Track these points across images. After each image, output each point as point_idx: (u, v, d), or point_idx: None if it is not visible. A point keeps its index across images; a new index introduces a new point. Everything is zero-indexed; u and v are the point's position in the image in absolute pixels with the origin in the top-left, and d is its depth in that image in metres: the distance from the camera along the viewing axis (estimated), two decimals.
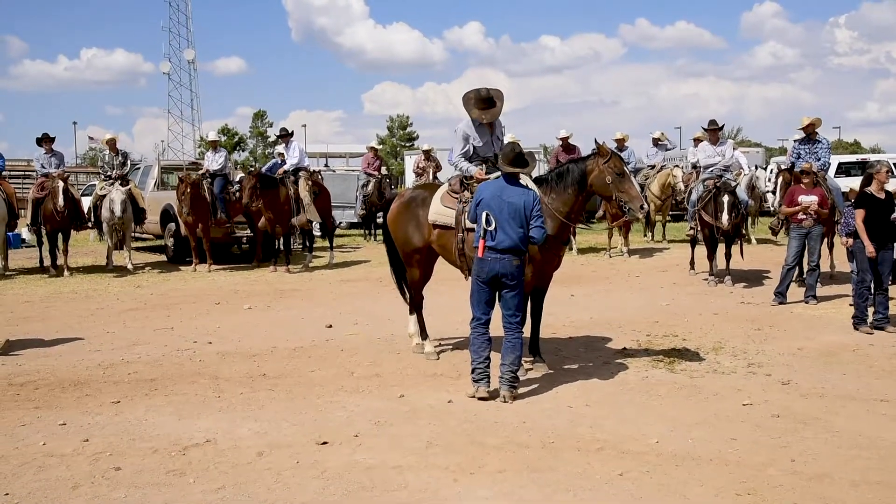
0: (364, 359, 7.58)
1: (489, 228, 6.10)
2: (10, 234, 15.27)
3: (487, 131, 7.29)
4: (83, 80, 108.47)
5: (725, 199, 11.38)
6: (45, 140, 14.35)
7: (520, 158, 6.36)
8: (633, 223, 16.69)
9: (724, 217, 11.33)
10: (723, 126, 12.54)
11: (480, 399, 6.10)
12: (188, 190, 14.12)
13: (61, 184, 13.63)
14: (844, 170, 25.17)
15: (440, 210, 7.25)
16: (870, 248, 8.47)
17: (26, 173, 34.19)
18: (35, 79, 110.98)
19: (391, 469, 4.82)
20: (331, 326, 9.11)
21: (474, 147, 7.25)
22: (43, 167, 14.35)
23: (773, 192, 15.17)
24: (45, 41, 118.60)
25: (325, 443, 5.24)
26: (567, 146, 15.85)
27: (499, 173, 6.59)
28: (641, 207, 6.78)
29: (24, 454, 5.10)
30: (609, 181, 6.67)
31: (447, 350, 7.88)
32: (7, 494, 4.49)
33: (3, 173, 14.49)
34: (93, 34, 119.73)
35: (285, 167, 14.75)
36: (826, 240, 11.32)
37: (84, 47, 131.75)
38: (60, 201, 13.40)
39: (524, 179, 6.55)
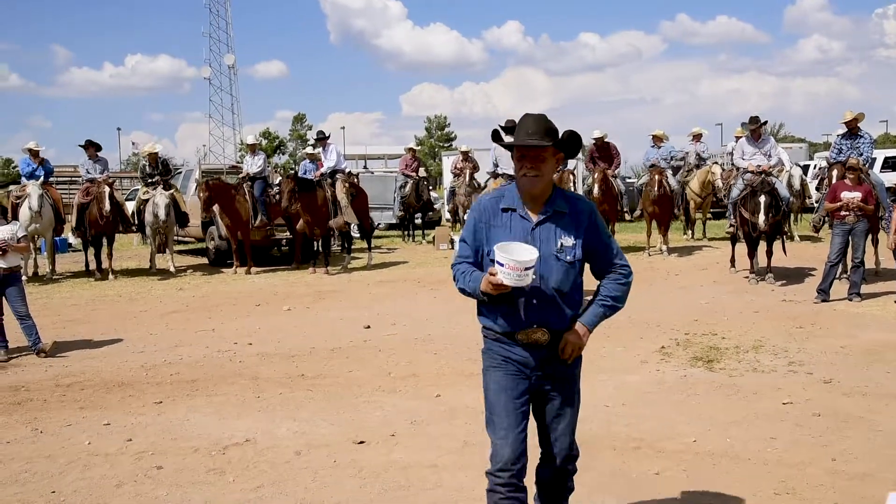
0: (401, 359, 7.63)
1: None
2: (57, 238, 15.65)
3: None
4: (128, 87, 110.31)
5: (762, 199, 11.15)
6: (89, 146, 14.69)
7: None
8: (672, 220, 16.53)
9: (761, 217, 11.12)
10: (765, 122, 12.35)
11: None
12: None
13: (107, 189, 13.93)
14: (891, 164, 24.66)
15: None
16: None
17: (72, 179, 34.84)
18: (81, 86, 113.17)
19: (427, 468, 4.85)
20: (369, 327, 9.18)
21: None
22: (88, 172, 14.67)
23: (818, 189, 14.92)
24: (90, 49, 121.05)
25: (362, 442, 5.29)
26: (601, 145, 15.78)
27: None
28: None
29: (70, 453, 5.23)
30: None
31: None
32: (54, 492, 4.62)
33: (51, 179, 14.85)
34: (138, 41, 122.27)
35: (322, 170, 14.87)
36: (870, 236, 11.09)
37: (129, 54, 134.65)
38: (107, 206, 13.69)
39: None
